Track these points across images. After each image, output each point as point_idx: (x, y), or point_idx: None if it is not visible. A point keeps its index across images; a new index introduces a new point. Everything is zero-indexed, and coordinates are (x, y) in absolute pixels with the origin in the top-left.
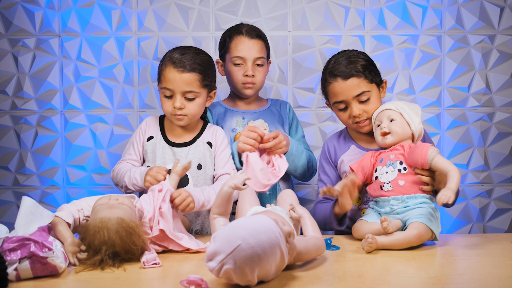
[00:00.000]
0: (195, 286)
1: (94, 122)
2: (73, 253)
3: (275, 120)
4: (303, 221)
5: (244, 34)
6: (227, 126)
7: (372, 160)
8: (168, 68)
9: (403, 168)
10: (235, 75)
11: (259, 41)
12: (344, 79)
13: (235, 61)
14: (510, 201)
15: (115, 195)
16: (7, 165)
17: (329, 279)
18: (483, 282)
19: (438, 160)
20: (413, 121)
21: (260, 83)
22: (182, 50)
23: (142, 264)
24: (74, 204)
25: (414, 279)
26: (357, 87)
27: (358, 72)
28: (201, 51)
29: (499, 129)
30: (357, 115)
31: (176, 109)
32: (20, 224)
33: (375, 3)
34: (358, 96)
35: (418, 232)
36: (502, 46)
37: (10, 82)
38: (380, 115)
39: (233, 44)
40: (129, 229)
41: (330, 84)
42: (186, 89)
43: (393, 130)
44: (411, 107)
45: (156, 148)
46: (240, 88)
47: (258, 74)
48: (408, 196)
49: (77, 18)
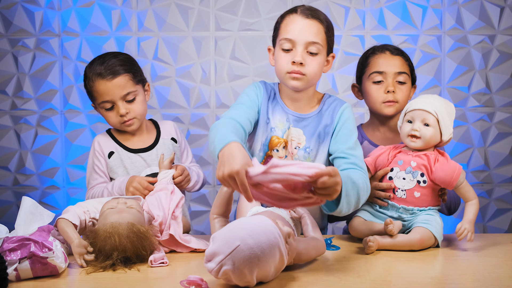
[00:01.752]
0: (195, 286)
1: (94, 122)
2: (80, 254)
3: (315, 133)
4: (304, 222)
5: (298, 12)
6: (270, 121)
7: (389, 158)
8: (96, 82)
9: (423, 181)
10: (280, 62)
11: (316, 23)
12: (393, 54)
13: (282, 44)
14: (510, 201)
15: (123, 199)
16: (7, 165)
17: (329, 279)
18: (483, 282)
19: (465, 186)
20: (447, 130)
21: (311, 74)
22: (100, 60)
23: (149, 263)
24: (79, 205)
25: (414, 279)
26: (401, 65)
27: (406, 57)
28: (118, 52)
29: (499, 129)
30: (391, 90)
31: (123, 117)
32: (20, 224)
33: (375, 3)
34: (399, 74)
35: (421, 237)
36: (502, 46)
37: (10, 82)
38: (414, 113)
39: (283, 24)
40: (140, 234)
41: (375, 55)
42: (123, 92)
43: (424, 136)
44: (448, 110)
45: (123, 160)
46: (285, 78)
47: (310, 62)
48: (419, 209)
49: (77, 18)
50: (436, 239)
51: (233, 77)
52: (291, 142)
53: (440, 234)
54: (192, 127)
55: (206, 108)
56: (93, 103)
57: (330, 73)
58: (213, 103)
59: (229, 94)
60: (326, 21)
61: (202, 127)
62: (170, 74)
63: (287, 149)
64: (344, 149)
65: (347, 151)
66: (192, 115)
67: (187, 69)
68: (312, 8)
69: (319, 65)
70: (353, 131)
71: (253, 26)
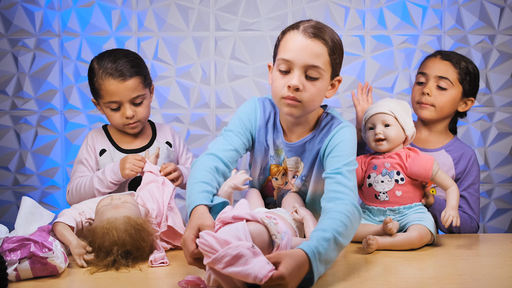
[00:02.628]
0: (193, 286)
1: (94, 122)
2: (80, 255)
3: (312, 159)
4: (306, 223)
5: (300, 30)
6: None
7: (363, 166)
8: (107, 81)
9: (400, 179)
10: (276, 85)
11: (319, 44)
12: (442, 59)
13: (279, 65)
14: (510, 201)
15: (117, 195)
16: (7, 165)
17: (329, 279)
18: (483, 282)
19: (441, 175)
20: (408, 125)
21: (308, 102)
22: (111, 58)
23: (149, 263)
24: (74, 208)
25: (414, 279)
26: (446, 71)
27: (455, 64)
28: (127, 51)
29: (499, 129)
30: (427, 92)
31: (128, 119)
32: (20, 224)
33: (375, 3)
34: (440, 79)
35: (419, 233)
36: (502, 46)
37: (10, 82)
38: (373, 118)
39: (283, 41)
40: (138, 226)
41: (429, 59)
42: (133, 95)
43: (389, 137)
44: (403, 107)
45: (114, 159)
46: (279, 103)
47: (308, 88)
48: (404, 206)
49: (77, 18)
50: (432, 235)
51: (233, 77)
52: (289, 171)
53: (435, 230)
54: (192, 127)
55: (206, 108)
56: (96, 100)
57: None
58: (213, 103)
59: (229, 94)
60: (333, 41)
61: (202, 127)
62: (170, 74)
63: (287, 176)
64: (329, 171)
65: (333, 171)
66: (192, 115)
67: (187, 69)
68: (317, 25)
69: (319, 91)
70: (346, 153)
71: (253, 26)
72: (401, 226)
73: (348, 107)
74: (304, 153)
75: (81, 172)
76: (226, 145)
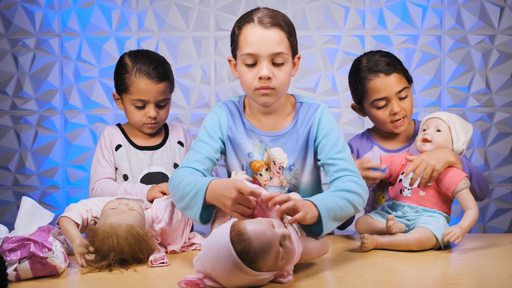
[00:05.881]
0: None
1: (94, 122)
2: (81, 254)
3: (296, 148)
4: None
5: (256, 22)
6: (244, 148)
7: (403, 161)
8: (140, 79)
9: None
10: (246, 78)
11: (277, 31)
12: (387, 74)
13: (245, 59)
14: (510, 201)
15: (125, 200)
16: (7, 165)
17: (329, 279)
18: (483, 282)
19: (465, 194)
20: (458, 140)
21: (281, 86)
22: (144, 59)
23: (149, 263)
24: (82, 203)
25: (414, 279)
26: (398, 83)
27: (398, 69)
28: (158, 54)
29: (499, 129)
30: (397, 111)
31: (150, 119)
32: (20, 224)
33: (375, 3)
34: (399, 93)
35: (419, 237)
36: (502, 46)
37: (10, 82)
38: (429, 121)
39: (242, 36)
40: (139, 237)
41: (370, 81)
42: (160, 98)
43: (435, 141)
44: (463, 125)
45: (129, 155)
46: (254, 95)
47: (278, 74)
48: (424, 208)
49: (77, 18)
50: (437, 240)
51: (233, 77)
52: (273, 163)
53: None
54: (192, 127)
55: (206, 108)
56: (119, 93)
57: (330, 73)
58: (213, 103)
59: (229, 94)
60: (287, 25)
61: None
62: None
63: (271, 170)
64: (332, 155)
65: (335, 156)
66: (192, 115)
67: (187, 69)
68: (270, 13)
69: (287, 74)
70: (337, 134)
71: None
72: (411, 228)
73: (348, 107)
74: (286, 144)
75: (104, 168)
76: (197, 156)
